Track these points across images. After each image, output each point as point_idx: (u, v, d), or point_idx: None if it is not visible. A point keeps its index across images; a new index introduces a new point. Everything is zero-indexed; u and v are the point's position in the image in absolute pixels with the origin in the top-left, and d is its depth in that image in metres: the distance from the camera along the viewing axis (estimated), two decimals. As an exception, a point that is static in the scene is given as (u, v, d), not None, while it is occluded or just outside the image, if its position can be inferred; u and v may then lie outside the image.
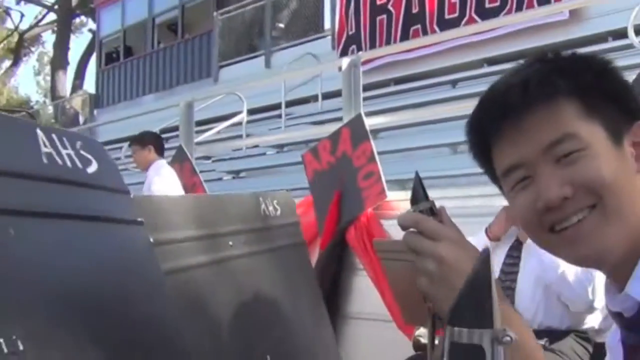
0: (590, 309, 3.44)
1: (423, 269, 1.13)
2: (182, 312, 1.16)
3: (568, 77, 1.16)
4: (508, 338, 0.93)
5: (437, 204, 1.21)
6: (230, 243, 1.48)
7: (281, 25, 16.04)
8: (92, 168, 1.05)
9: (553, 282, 3.44)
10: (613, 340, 1.30)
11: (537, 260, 3.46)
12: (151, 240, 1.17)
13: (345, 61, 5.91)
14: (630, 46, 6.51)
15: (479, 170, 1.31)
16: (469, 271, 1.12)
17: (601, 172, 1.13)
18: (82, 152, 1.04)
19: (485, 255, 1.22)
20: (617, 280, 1.19)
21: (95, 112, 20.89)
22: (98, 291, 1.01)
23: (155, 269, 1.13)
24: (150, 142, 6.59)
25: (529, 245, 3.51)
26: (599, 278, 3.28)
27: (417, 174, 1.19)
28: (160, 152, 6.68)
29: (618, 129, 1.17)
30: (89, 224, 1.03)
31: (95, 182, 1.05)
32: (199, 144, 8.00)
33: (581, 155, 1.14)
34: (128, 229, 1.11)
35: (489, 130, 1.20)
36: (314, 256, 4.98)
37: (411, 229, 1.16)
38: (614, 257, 1.15)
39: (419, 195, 1.18)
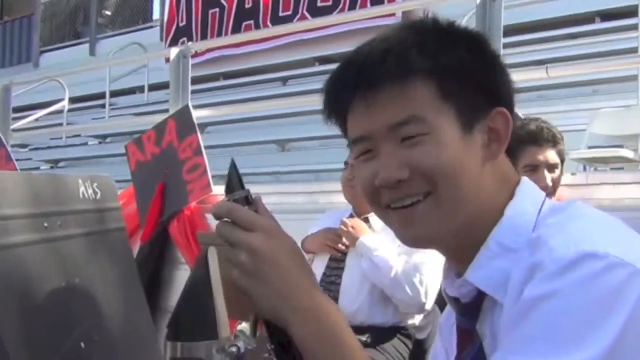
0: (421, 310, 3.43)
1: (236, 261, 1.09)
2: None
3: (429, 55, 1.13)
4: (234, 349, 0.89)
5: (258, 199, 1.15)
6: (46, 225, 1.40)
7: (108, 12, 15.61)
8: None
9: (386, 284, 3.39)
10: (447, 321, 1.32)
11: (368, 261, 3.42)
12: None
13: (174, 51, 5.79)
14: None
15: (304, 168, 1.30)
16: (284, 263, 1.09)
17: (440, 160, 1.12)
18: None
19: (203, 257, 1.20)
20: (458, 263, 1.20)
21: None
22: None
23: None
24: None
25: (360, 245, 3.46)
26: (431, 279, 3.33)
27: (232, 161, 1.15)
28: None
29: (473, 114, 1.15)
30: None
31: None
32: (16, 130, 7.61)
33: (424, 139, 1.12)
34: None
35: (343, 97, 1.17)
36: (135, 249, 4.85)
37: (225, 219, 1.11)
38: (445, 242, 1.17)
39: (235, 184, 1.14)
